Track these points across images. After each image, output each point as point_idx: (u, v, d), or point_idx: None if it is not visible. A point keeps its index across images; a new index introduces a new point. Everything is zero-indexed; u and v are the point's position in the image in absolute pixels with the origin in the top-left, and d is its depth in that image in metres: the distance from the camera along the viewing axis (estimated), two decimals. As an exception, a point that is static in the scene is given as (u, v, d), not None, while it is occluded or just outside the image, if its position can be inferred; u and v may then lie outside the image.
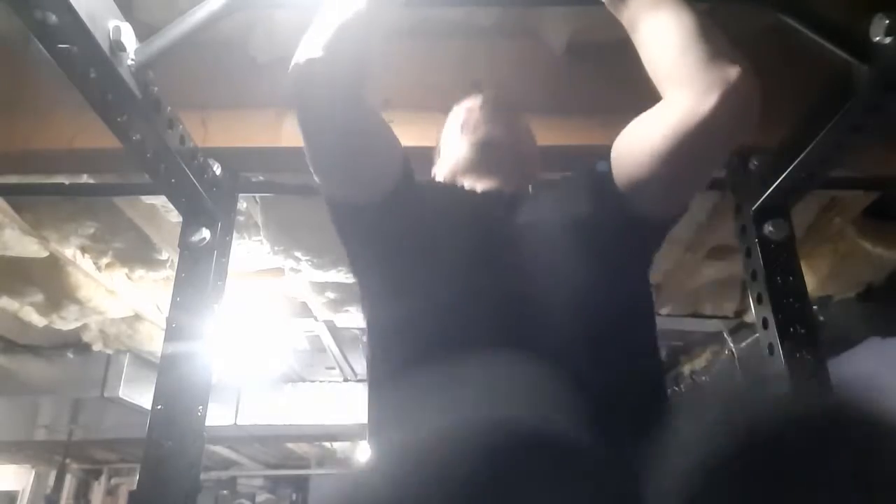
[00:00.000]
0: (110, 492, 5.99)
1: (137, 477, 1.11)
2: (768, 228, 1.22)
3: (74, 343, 3.16)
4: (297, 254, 1.99)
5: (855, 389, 0.48)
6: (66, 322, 2.44)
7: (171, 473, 1.10)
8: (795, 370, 1.11)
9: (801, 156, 1.10)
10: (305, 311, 2.64)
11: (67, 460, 5.21)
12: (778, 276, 1.19)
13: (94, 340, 2.88)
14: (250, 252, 2.09)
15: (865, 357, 2.79)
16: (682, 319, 2.66)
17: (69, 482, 5.78)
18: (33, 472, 5.70)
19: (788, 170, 1.15)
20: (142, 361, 3.39)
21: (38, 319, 2.37)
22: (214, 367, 1.22)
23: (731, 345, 2.97)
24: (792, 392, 0.61)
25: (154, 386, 1.16)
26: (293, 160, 1.39)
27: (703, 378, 3.56)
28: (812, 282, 2.05)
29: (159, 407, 1.14)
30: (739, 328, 2.84)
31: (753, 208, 1.25)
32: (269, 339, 3.10)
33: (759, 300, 1.22)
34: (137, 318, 2.66)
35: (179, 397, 1.15)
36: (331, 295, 2.40)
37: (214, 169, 1.29)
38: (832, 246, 1.96)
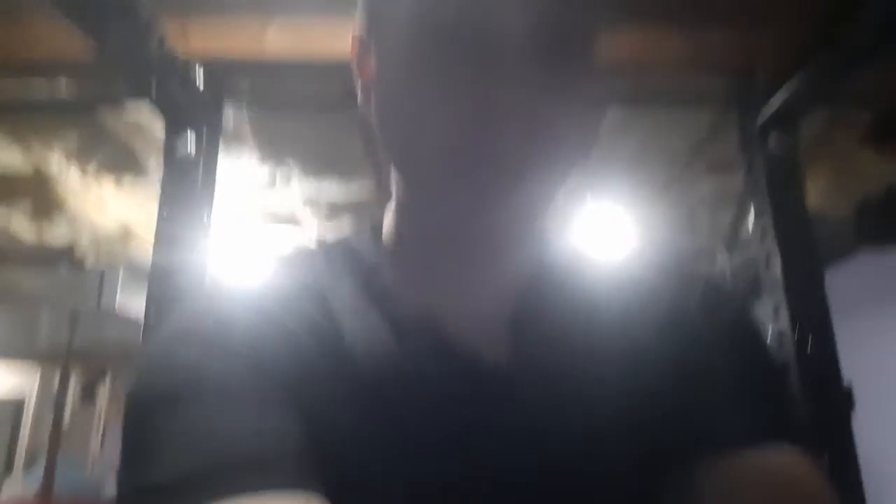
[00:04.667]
0: (113, 397, 6.15)
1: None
2: (772, 142, 1.20)
3: (67, 257, 3.15)
4: (289, 161, 1.96)
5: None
6: (55, 236, 2.43)
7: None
8: (792, 281, 1.12)
9: (808, 69, 1.08)
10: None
11: (70, 369, 5.32)
12: (780, 189, 1.18)
13: (87, 255, 2.87)
14: (237, 166, 2.05)
15: (859, 269, 2.83)
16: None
17: (74, 387, 5.92)
18: (38, 377, 5.83)
19: (794, 83, 1.12)
20: (139, 273, 3.40)
21: (27, 230, 2.36)
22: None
23: (726, 261, 3.00)
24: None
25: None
26: (279, 70, 1.35)
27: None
28: (809, 196, 2.04)
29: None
30: (734, 245, 2.86)
31: (758, 122, 1.22)
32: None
33: (759, 213, 1.21)
34: (128, 232, 2.65)
35: (171, 306, 1.15)
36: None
37: (198, 73, 1.24)
38: (830, 161, 1.94)
